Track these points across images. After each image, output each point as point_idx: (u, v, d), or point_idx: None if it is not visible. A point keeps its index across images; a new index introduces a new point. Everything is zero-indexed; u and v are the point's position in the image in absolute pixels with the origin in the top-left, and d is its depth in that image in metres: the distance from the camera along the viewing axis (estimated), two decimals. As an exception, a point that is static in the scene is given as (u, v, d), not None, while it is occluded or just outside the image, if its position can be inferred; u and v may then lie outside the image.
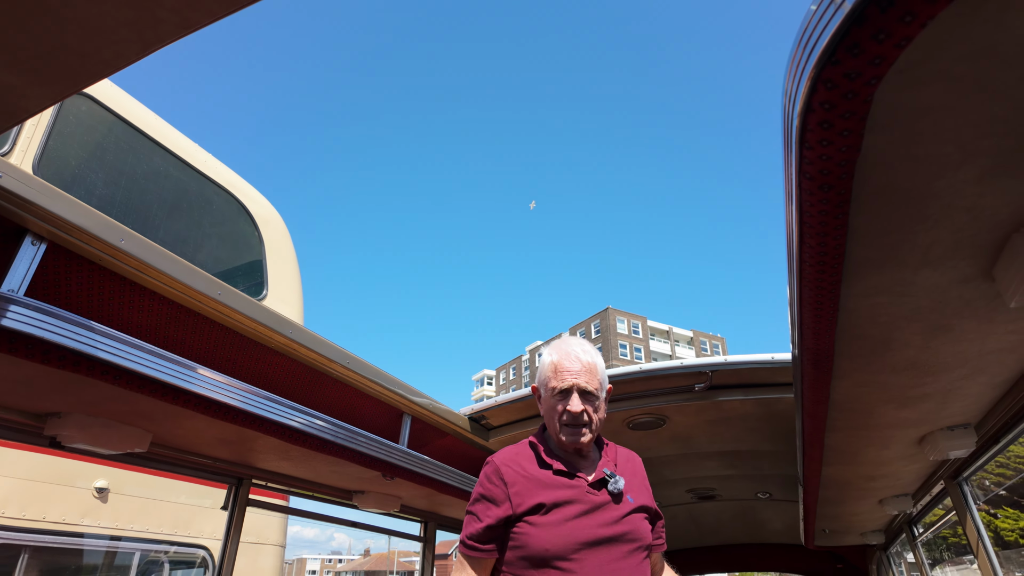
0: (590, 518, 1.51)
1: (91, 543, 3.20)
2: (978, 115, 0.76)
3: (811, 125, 0.77)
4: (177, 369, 1.62)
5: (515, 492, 1.55)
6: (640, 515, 1.59)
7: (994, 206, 0.95)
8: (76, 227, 1.56)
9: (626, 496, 1.59)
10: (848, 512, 3.70)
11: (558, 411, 1.60)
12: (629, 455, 1.78)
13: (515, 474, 1.58)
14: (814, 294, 1.16)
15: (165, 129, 4.14)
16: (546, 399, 1.67)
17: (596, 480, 1.58)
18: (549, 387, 1.64)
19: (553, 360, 1.66)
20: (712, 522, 5.67)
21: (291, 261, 5.06)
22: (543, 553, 1.47)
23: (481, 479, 1.63)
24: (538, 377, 1.73)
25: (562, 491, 1.54)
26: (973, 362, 1.53)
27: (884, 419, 1.94)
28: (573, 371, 1.61)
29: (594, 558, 1.47)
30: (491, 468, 1.63)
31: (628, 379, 2.98)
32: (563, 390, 1.60)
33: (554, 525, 1.49)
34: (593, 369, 1.64)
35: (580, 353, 1.65)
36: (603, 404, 1.67)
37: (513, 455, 1.65)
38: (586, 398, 1.60)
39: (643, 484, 1.72)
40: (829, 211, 0.92)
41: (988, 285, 1.19)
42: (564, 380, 1.60)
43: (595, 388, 1.62)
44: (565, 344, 1.70)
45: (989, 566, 2.66)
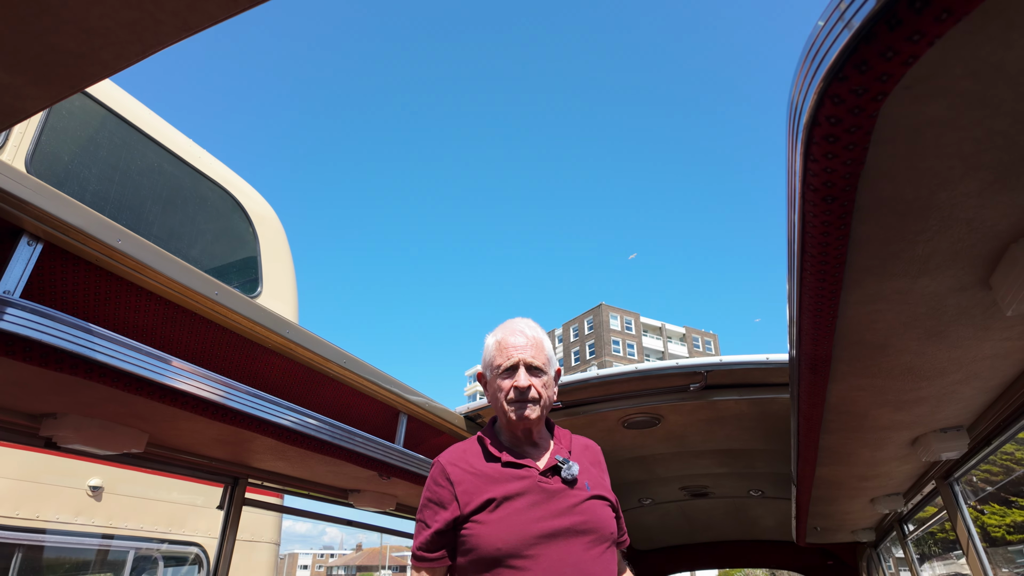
0: (543, 508, 1.41)
1: (85, 542, 3.19)
2: (980, 130, 0.77)
3: (816, 138, 0.77)
4: (174, 371, 1.61)
5: (462, 491, 1.46)
6: (599, 502, 1.49)
7: (993, 218, 0.96)
8: (73, 227, 1.54)
9: (582, 483, 1.50)
10: (840, 511, 3.73)
11: (504, 388, 1.52)
12: (586, 443, 1.70)
13: (461, 472, 1.50)
14: (814, 301, 1.17)
15: (158, 124, 4.11)
16: (492, 381, 1.59)
17: (548, 467, 1.50)
18: (494, 365, 1.57)
19: (497, 339, 1.59)
20: (704, 519, 5.70)
21: (286, 257, 5.05)
22: (495, 552, 1.37)
23: (427, 483, 1.55)
24: (483, 361, 1.65)
25: (512, 484, 1.45)
26: (968, 367, 1.54)
27: (879, 422, 1.96)
28: (519, 346, 1.54)
29: (551, 552, 1.37)
30: (437, 469, 1.54)
31: (624, 379, 2.99)
32: (509, 367, 1.53)
33: (504, 520, 1.39)
34: (539, 344, 1.57)
35: (525, 328, 1.59)
36: (552, 383, 1.59)
37: (460, 452, 1.58)
38: (533, 373, 1.53)
39: (602, 475, 1.62)
40: (832, 222, 0.92)
41: (984, 293, 1.20)
42: (510, 356, 1.53)
43: (542, 363, 1.54)
44: (510, 323, 1.63)
45: (979, 564, 2.69)
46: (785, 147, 0.96)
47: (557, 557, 1.36)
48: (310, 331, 2.32)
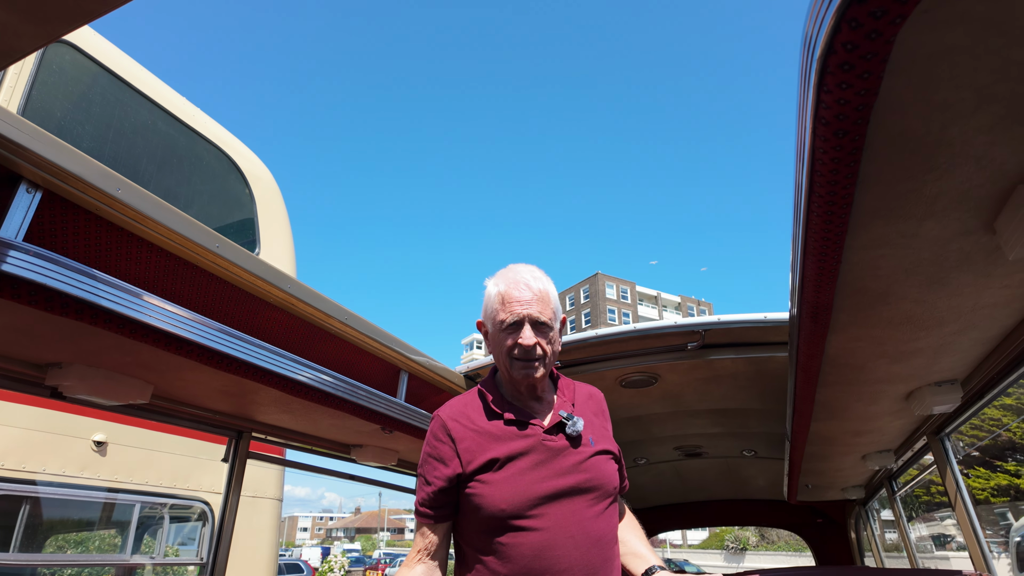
0: (547, 467, 1.38)
1: (91, 495, 3.24)
2: (996, 59, 0.77)
3: (831, 67, 0.76)
4: (179, 319, 1.62)
5: (464, 449, 1.42)
6: (604, 458, 1.46)
7: (1003, 156, 0.96)
8: (72, 175, 1.53)
9: (587, 438, 1.46)
10: (832, 468, 3.82)
11: (507, 346, 1.44)
12: (590, 392, 1.63)
13: (463, 429, 1.45)
14: (819, 245, 1.18)
15: (152, 81, 4.03)
16: (494, 334, 1.49)
17: (552, 425, 1.45)
18: (497, 320, 1.46)
19: (500, 290, 1.47)
20: (698, 479, 5.82)
21: (283, 219, 5.01)
22: (499, 513, 1.34)
23: (428, 437, 1.50)
24: (484, 310, 1.54)
25: (515, 442, 1.41)
26: (967, 317, 1.56)
27: (875, 374, 1.99)
28: (524, 300, 1.43)
29: (556, 512, 1.35)
30: (437, 424, 1.49)
31: (622, 338, 3.01)
32: (513, 323, 1.43)
33: (508, 481, 1.36)
34: (546, 297, 1.46)
35: (530, 280, 1.46)
36: (558, 336, 1.52)
37: (461, 407, 1.51)
38: (539, 330, 1.44)
39: (605, 424, 1.58)
40: (842, 158, 0.92)
41: (988, 238, 1.21)
42: (514, 311, 1.43)
43: (549, 318, 1.45)
44: (513, 272, 1.50)
45: (967, 518, 2.77)
46: (797, 88, 0.96)
47: (561, 516, 1.34)
48: (311, 286, 2.32)
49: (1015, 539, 11.12)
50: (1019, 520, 12.16)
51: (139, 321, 1.51)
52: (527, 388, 1.49)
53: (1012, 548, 11.08)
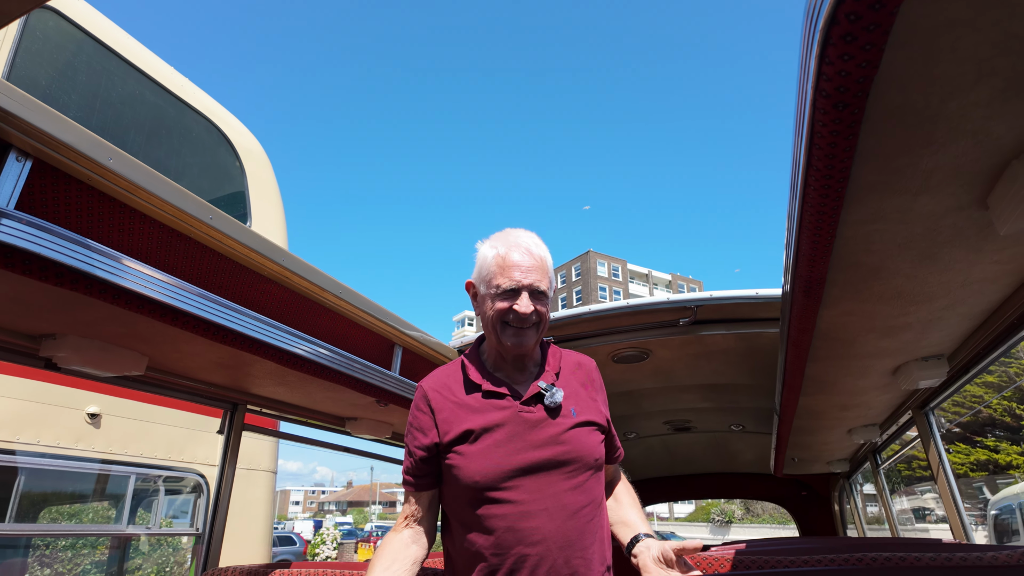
0: (522, 440, 1.37)
1: (86, 467, 3.25)
2: (997, 32, 0.77)
3: (834, 38, 0.76)
4: (175, 291, 1.62)
5: (442, 419, 1.43)
6: (585, 429, 1.43)
7: (999, 130, 0.97)
8: (63, 144, 1.50)
9: (568, 409, 1.43)
10: (819, 441, 3.89)
11: (501, 310, 1.40)
12: (579, 361, 1.59)
13: (442, 400, 1.46)
14: (815, 219, 1.19)
15: (139, 50, 3.95)
16: (486, 298, 1.45)
17: (530, 396, 1.42)
18: (493, 284, 1.42)
19: (500, 253, 1.42)
20: (686, 452, 5.92)
21: (274, 193, 4.97)
22: (473, 485, 1.35)
23: (411, 407, 1.52)
24: (477, 273, 1.48)
25: (491, 414, 1.40)
26: (956, 292, 1.59)
27: (865, 348, 2.02)
28: (524, 267, 1.40)
29: (531, 484, 1.34)
30: (419, 394, 1.50)
31: (615, 314, 3.04)
32: (511, 289, 1.39)
33: (483, 453, 1.36)
34: (545, 265, 1.45)
35: (531, 246, 1.43)
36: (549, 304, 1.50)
37: (443, 379, 1.52)
38: (536, 298, 1.41)
39: (593, 394, 1.53)
40: (841, 131, 0.93)
41: (981, 214, 1.22)
42: (513, 277, 1.39)
43: (547, 287, 1.43)
44: (513, 236, 1.46)
45: (948, 490, 2.85)
46: (798, 61, 0.96)
47: (536, 488, 1.34)
48: (305, 259, 2.32)
49: (992, 512, 11.44)
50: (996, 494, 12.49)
51: (134, 292, 1.50)
52: (514, 358, 1.46)
53: (989, 521, 11.41)
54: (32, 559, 3.93)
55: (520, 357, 1.47)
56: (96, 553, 4.45)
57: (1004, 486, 13.34)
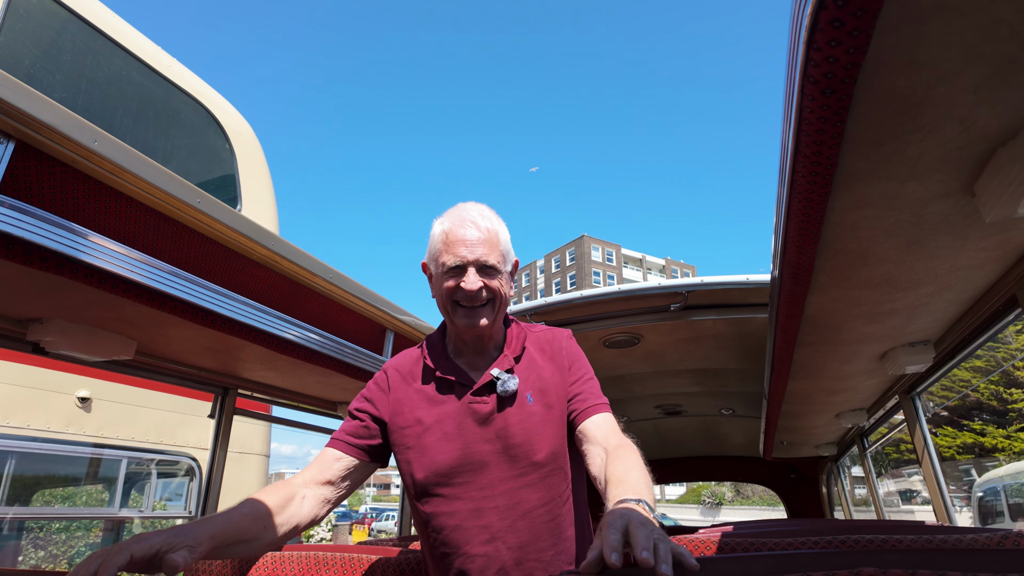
0: (471, 433, 1.29)
1: (77, 450, 3.25)
2: (984, 17, 0.77)
3: (822, 24, 0.76)
4: (163, 275, 1.61)
5: (395, 399, 1.37)
6: (542, 419, 1.32)
7: (986, 117, 0.97)
8: (46, 125, 1.48)
9: (524, 396, 1.33)
10: (807, 425, 3.94)
11: (449, 289, 1.31)
12: (549, 337, 1.47)
13: (401, 382, 1.40)
14: (802, 206, 1.19)
15: (125, 28, 3.88)
16: (437, 278, 1.36)
17: (482, 385, 1.33)
18: (439, 263, 1.33)
19: (444, 229, 1.33)
20: (677, 436, 5.98)
21: (264, 175, 4.92)
22: (422, 481, 1.29)
23: (369, 382, 1.46)
24: (428, 251, 1.39)
25: (441, 406, 1.33)
26: (942, 278, 1.60)
27: (852, 334, 2.04)
28: (469, 241, 1.29)
29: (482, 481, 1.27)
30: (380, 374, 1.45)
31: (607, 299, 3.05)
32: (456, 266, 1.29)
33: (431, 447, 1.29)
34: (494, 238, 1.32)
35: (477, 219, 1.32)
36: (508, 280, 1.38)
37: (407, 362, 1.45)
38: (486, 273, 1.31)
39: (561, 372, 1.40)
40: (828, 118, 0.93)
41: (967, 200, 1.23)
42: (458, 253, 1.29)
43: (497, 261, 1.31)
44: (459, 210, 1.36)
45: (932, 473, 2.89)
46: (787, 47, 0.95)
47: (487, 485, 1.26)
48: (295, 244, 2.30)
49: (977, 494, 11.64)
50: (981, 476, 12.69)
51: (120, 276, 1.49)
52: (473, 340, 1.37)
53: (974, 503, 11.61)
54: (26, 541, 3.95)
55: (478, 339, 1.37)
56: (90, 536, 4.46)
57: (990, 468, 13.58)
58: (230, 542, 1.07)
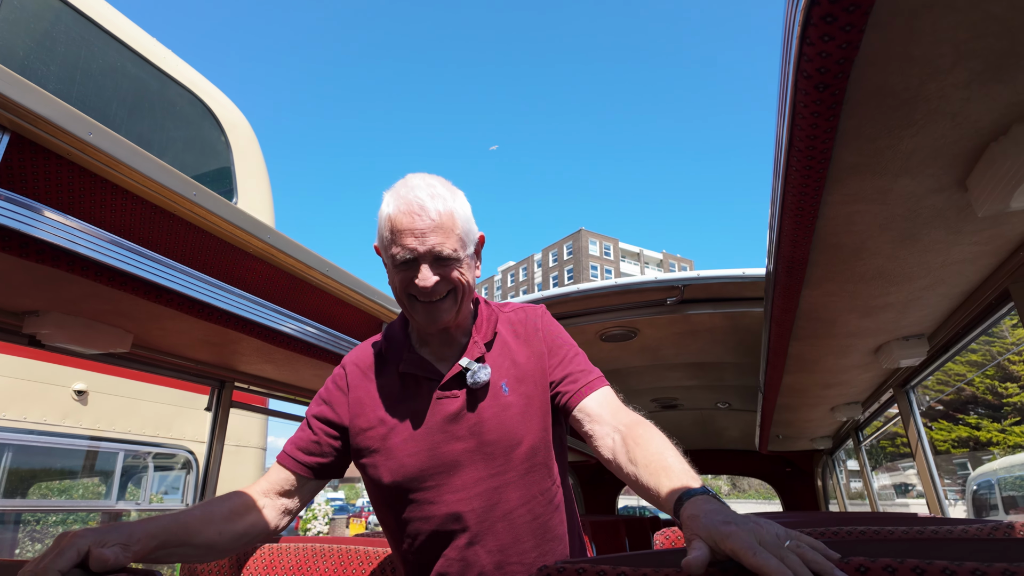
0: (442, 431, 1.18)
1: (74, 443, 3.26)
2: (976, 13, 0.77)
3: (815, 19, 0.76)
4: (160, 268, 1.61)
5: (355, 399, 1.25)
6: (519, 410, 1.20)
7: (977, 112, 0.98)
8: (41, 118, 1.48)
9: (498, 386, 1.21)
10: (802, 419, 3.96)
11: (403, 285, 1.17)
12: (520, 317, 1.33)
13: (361, 378, 1.28)
14: (796, 200, 1.20)
15: (120, 20, 3.86)
16: (390, 270, 1.20)
17: (450, 378, 1.21)
18: (389, 254, 1.16)
19: (390, 214, 1.14)
20: (673, 429, 5.97)
21: (260, 167, 4.91)
22: (391, 486, 1.18)
23: (327, 381, 1.33)
24: (377, 235, 1.22)
25: (406, 404, 1.22)
26: (935, 272, 1.61)
27: (846, 328, 2.05)
28: (418, 231, 1.11)
29: (457, 482, 1.16)
30: (338, 370, 1.32)
31: (604, 293, 3.06)
32: (407, 260, 1.14)
33: (397, 449, 1.18)
34: (448, 222, 1.14)
35: (426, 200, 1.12)
36: (471, 263, 1.22)
37: (367, 355, 1.32)
38: (441, 265, 1.14)
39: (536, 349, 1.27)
40: (822, 112, 0.93)
41: (960, 195, 1.24)
42: (407, 246, 1.12)
43: (453, 249, 1.14)
44: (406, 189, 1.15)
45: (926, 466, 2.91)
46: (781, 42, 0.95)
47: (462, 487, 1.16)
48: (290, 237, 2.30)
49: (971, 487, 11.73)
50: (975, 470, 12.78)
51: (117, 269, 1.50)
52: (438, 332, 1.25)
53: (968, 496, 11.70)
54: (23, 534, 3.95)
55: (444, 331, 1.24)
56: (87, 528, 4.47)
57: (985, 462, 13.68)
58: (176, 543, 1.00)
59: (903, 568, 0.55)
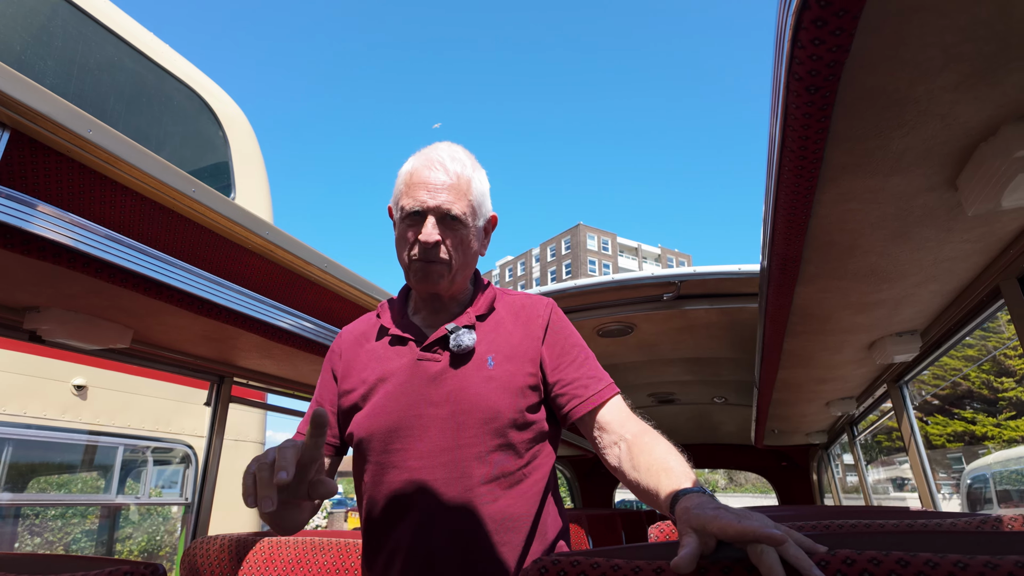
0: (416, 392, 1.13)
1: (73, 438, 3.27)
2: (964, 17, 0.79)
3: (805, 23, 0.78)
4: (160, 265, 1.62)
5: (344, 364, 1.25)
6: (502, 383, 1.14)
7: (967, 114, 0.99)
8: (40, 115, 1.49)
9: (484, 357, 1.16)
10: (797, 413, 3.99)
11: (407, 240, 1.15)
12: (524, 302, 1.28)
13: (353, 345, 1.27)
14: (789, 199, 1.21)
15: (116, 14, 3.85)
16: (396, 226, 1.20)
17: (433, 340, 1.17)
18: (399, 207, 1.16)
19: (409, 169, 1.17)
20: (670, 424, 6.04)
21: (258, 162, 4.90)
22: (360, 446, 1.15)
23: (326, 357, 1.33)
24: (392, 194, 1.22)
25: (390, 363, 1.18)
26: (928, 270, 1.63)
27: (840, 324, 2.07)
28: (432, 185, 1.12)
29: (423, 448, 1.10)
30: (335, 341, 1.34)
31: (601, 289, 3.07)
32: (415, 212, 1.12)
33: (372, 409, 1.15)
34: (462, 186, 1.14)
35: (447, 160, 1.15)
36: (477, 236, 1.20)
37: (361, 324, 1.33)
38: (447, 225, 1.13)
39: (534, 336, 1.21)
40: (813, 114, 0.95)
41: (951, 194, 1.25)
42: (417, 198, 1.12)
43: (463, 212, 1.13)
44: (430, 150, 1.19)
45: (919, 460, 2.95)
46: (773, 45, 0.97)
47: (429, 454, 1.10)
48: (291, 234, 2.32)
49: (966, 482, 11.81)
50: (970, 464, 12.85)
51: (117, 265, 1.51)
52: (430, 298, 1.23)
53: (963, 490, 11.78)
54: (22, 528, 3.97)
55: (435, 298, 1.22)
56: (87, 522, 4.50)
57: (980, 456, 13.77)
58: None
59: (888, 560, 0.56)
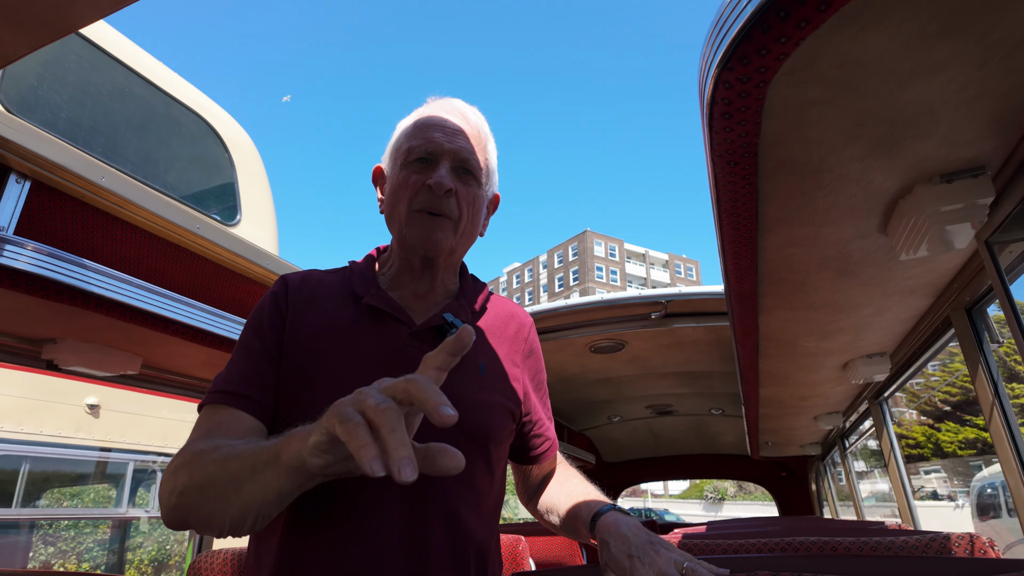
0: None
1: (86, 454, 3.42)
2: (853, 108, 0.91)
3: (716, 115, 0.90)
4: (166, 302, 1.76)
5: (294, 315, 0.96)
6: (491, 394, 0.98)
7: (879, 178, 1.11)
8: (58, 166, 1.64)
9: (476, 361, 0.98)
10: (787, 427, 4.08)
11: (410, 186, 0.96)
12: (512, 311, 1.13)
13: (306, 298, 0.99)
14: (733, 246, 1.33)
15: (125, 44, 4.02)
16: (393, 175, 1.00)
17: (427, 326, 0.96)
18: (402, 151, 0.99)
19: (419, 114, 1.02)
20: (670, 435, 6.12)
21: (263, 184, 5.05)
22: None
23: (261, 300, 1.02)
24: (389, 147, 1.05)
25: (367, 340, 0.94)
26: (879, 302, 1.74)
27: (808, 349, 2.18)
28: (449, 127, 0.98)
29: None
30: (279, 284, 1.03)
31: (591, 308, 3.19)
32: (428, 153, 0.96)
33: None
34: (482, 139, 1.02)
35: (465, 110, 1.03)
36: (485, 204, 1.05)
37: (317, 276, 1.05)
38: (462, 178, 0.98)
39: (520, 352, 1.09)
40: (738, 181, 1.07)
41: (884, 240, 1.36)
42: (432, 139, 0.96)
43: (478, 166, 0.99)
44: (441, 99, 1.05)
45: (897, 474, 3.03)
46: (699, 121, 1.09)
47: None
48: (289, 262, 2.45)
49: (975, 490, 11.75)
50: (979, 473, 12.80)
51: (127, 304, 1.65)
52: (422, 261, 1.00)
53: (973, 497, 11.72)
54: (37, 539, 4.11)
55: (430, 261, 1.00)
56: (98, 533, 4.64)
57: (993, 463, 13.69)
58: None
59: None
